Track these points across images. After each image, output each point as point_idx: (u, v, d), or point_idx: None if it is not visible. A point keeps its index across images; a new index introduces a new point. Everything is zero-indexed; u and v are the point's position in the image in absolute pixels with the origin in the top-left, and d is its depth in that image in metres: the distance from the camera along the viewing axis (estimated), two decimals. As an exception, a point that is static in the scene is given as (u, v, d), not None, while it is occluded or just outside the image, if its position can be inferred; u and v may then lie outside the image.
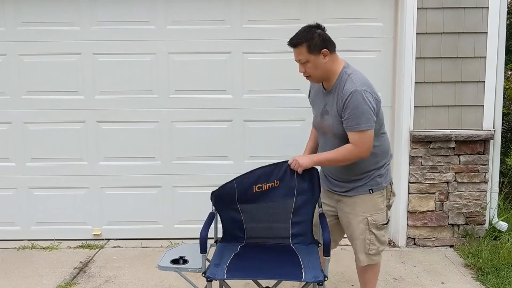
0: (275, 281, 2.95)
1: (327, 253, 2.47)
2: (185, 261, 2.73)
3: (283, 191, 2.82)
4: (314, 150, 2.93)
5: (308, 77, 2.71)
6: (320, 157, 2.71)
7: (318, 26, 2.64)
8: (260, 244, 2.88)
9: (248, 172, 2.81)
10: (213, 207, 2.88)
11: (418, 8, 3.91)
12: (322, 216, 2.78)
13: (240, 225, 2.90)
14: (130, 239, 4.31)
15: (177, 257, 2.75)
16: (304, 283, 2.54)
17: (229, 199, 2.83)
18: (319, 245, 2.82)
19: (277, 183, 2.82)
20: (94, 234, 4.32)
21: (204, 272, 2.54)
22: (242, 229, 2.91)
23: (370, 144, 2.59)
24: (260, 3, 4.09)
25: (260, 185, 2.80)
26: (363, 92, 2.54)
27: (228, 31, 4.12)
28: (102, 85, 4.18)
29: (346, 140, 2.63)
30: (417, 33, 3.94)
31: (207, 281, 2.52)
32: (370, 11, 4.09)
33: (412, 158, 4.05)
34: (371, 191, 2.75)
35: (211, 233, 2.94)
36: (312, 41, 2.57)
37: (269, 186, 2.81)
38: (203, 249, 2.57)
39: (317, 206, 2.87)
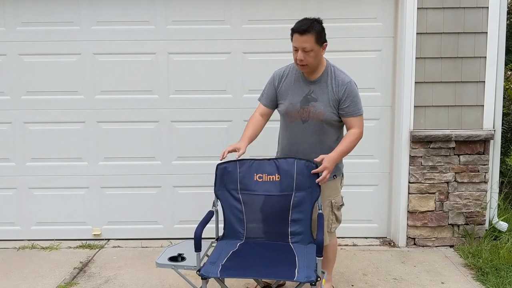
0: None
1: (319, 253, 2.51)
2: (183, 259, 2.74)
3: (283, 186, 2.90)
4: (253, 138, 3.03)
5: (303, 66, 2.85)
6: (338, 156, 2.87)
7: (320, 20, 2.84)
8: (259, 243, 2.90)
9: (251, 158, 2.94)
10: (215, 198, 2.92)
11: (418, 8, 3.91)
12: (320, 216, 2.80)
13: (241, 216, 2.92)
14: (130, 239, 4.31)
15: (176, 254, 2.76)
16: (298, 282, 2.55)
17: (231, 180, 2.90)
18: None
19: (278, 178, 2.89)
20: (94, 234, 4.33)
21: (199, 270, 2.57)
22: (242, 222, 2.93)
23: (363, 124, 2.97)
24: (260, 3, 4.09)
25: (261, 175, 2.90)
26: (354, 83, 2.94)
27: (228, 31, 4.12)
28: (102, 85, 4.19)
29: (331, 125, 2.95)
30: (417, 33, 3.94)
31: (202, 279, 2.56)
32: (370, 11, 4.09)
33: (412, 158, 4.05)
34: (335, 177, 3.02)
35: (211, 233, 2.95)
36: (320, 32, 2.79)
37: (269, 178, 2.90)
38: (198, 247, 2.59)
39: (316, 206, 2.88)
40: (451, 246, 4.13)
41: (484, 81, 4.00)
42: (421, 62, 3.98)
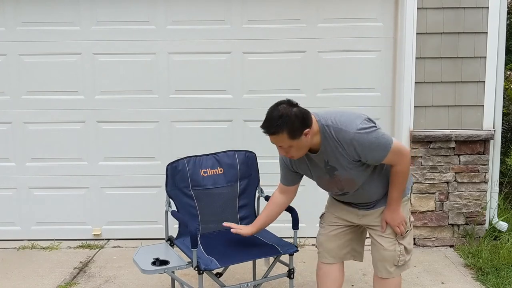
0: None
1: (296, 226, 2.84)
2: (163, 261, 2.72)
3: (227, 177, 3.13)
4: (266, 225, 2.76)
5: (291, 157, 2.43)
6: (396, 205, 2.51)
7: (290, 103, 2.31)
8: (215, 232, 3.07)
9: (193, 155, 3.11)
10: (168, 199, 3.05)
11: (418, 8, 3.91)
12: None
13: (194, 211, 3.06)
14: (130, 239, 4.31)
15: (152, 260, 2.73)
16: (270, 262, 2.90)
17: (182, 178, 3.03)
18: None
19: (221, 170, 3.10)
20: (94, 234, 4.33)
21: (198, 266, 2.60)
22: (196, 218, 3.07)
23: (403, 149, 2.43)
24: (261, 3, 4.09)
25: (205, 170, 3.08)
26: (358, 130, 2.30)
27: (228, 31, 4.12)
28: (102, 85, 4.19)
29: (373, 169, 2.46)
30: (417, 33, 3.94)
31: (200, 273, 2.61)
32: (370, 11, 4.09)
33: (412, 158, 4.05)
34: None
35: (161, 234, 2.97)
36: (294, 126, 2.25)
37: (213, 172, 3.09)
38: (195, 244, 2.63)
39: (257, 191, 3.21)
40: (451, 246, 4.13)
41: (484, 81, 4.00)
42: (421, 62, 3.98)
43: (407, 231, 2.59)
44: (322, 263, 2.77)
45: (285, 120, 2.25)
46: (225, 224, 2.75)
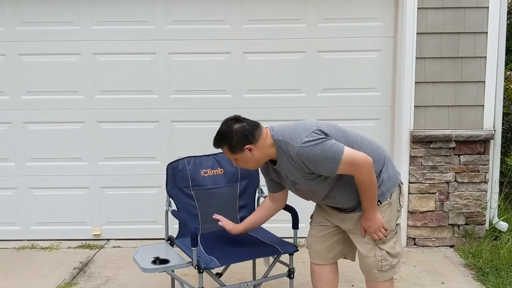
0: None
1: (296, 226, 2.90)
2: (164, 260, 2.72)
3: (227, 178, 3.14)
4: (253, 226, 2.85)
5: (243, 167, 2.58)
6: (372, 208, 2.45)
7: (236, 120, 2.46)
8: (216, 233, 3.03)
9: (193, 156, 3.13)
10: (168, 198, 3.06)
11: (418, 8, 3.91)
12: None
13: (195, 211, 3.06)
14: (130, 239, 4.31)
15: (152, 259, 2.73)
16: (270, 262, 2.92)
17: (182, 178, 3.04)
18: None
19: (221, 171, 3.12)
20: (94, 234, 4.32)
21: (198, 265, 2.61)
22: (197, 218, 3.07)
23: (358, 160, 2.33)
24: (261, 3, 4.09)
25: (206, 171, 3.10)
26: (301, 144, 2.31)
27: (228, 31, 4.12)
28: (102, 85, 4.19)
29: (337, 178, 2.44)
30: (417, 33, 3.93)
31: (200, 272, 2.62)
32: (370, 11, 4.09)
33: (412, 158, 4.05)
34: (379, 202, 2.50)
35: (161, 234, 2.99)
36: (231, 142, 2.41)
37: (213, 172, 3.11)
38: (195, 243, 2.64)
39: (257, 192, 3.23)
40: (451, 246, 4.13)
41: (484, 81, 4.00)
42: (421, 62, 3.98)
43: (390, 234, 2.54)
44: (314, 264, 2.79)
45: (224, 135, 2.45)
46: (215, 216, 2.85)
